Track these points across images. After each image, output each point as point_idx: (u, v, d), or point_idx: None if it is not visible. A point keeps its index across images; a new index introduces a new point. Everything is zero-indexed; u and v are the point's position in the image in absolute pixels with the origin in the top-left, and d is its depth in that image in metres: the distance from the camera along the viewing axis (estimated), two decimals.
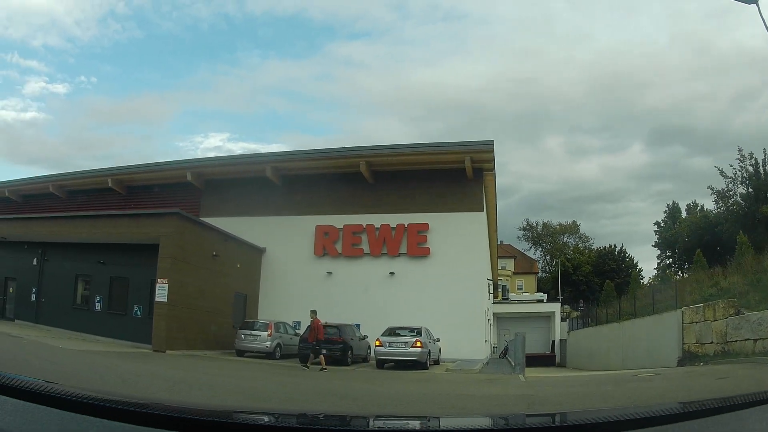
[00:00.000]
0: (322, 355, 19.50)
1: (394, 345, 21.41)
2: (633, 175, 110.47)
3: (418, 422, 2.67)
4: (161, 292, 22.46)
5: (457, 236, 27.79)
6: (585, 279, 70.64)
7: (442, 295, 26.74)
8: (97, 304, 25.82)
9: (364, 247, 28.90)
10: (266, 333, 23.24)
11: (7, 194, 39.61)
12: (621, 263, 72.26)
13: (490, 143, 27.78)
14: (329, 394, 13.09)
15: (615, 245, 75.50)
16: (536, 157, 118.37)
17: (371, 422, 2.31)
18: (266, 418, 2.20)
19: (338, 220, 29.09)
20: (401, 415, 5.31)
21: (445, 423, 2.46)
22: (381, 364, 21.61)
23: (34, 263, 28.34)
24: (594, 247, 79.65)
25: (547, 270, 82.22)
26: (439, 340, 23.43)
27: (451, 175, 28.41)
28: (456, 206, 28.22)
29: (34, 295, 28.14)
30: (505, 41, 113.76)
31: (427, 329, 22.50)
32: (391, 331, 22.13)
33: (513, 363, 23.41)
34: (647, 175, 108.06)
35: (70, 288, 27.02)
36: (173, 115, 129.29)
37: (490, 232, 34.58)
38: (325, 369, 18.88)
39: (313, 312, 20.57)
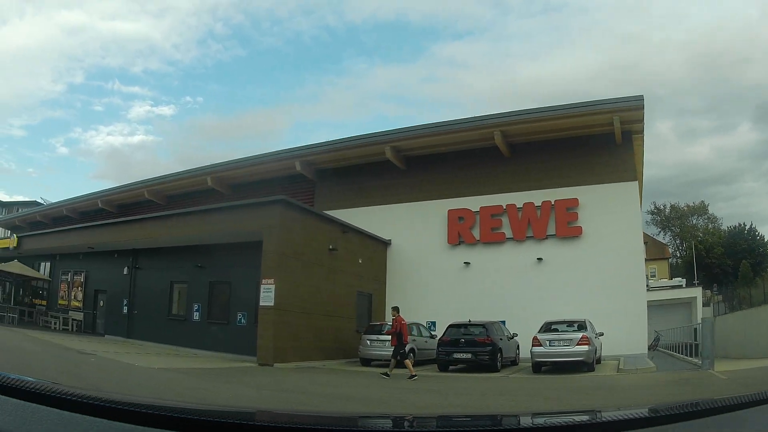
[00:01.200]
0: (408, 360, 17.26)
1: (556, 344, 18.50)
2: (744, 154, 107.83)
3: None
4: (267, 294, 19.92)
5: (609, 211, 24.45)
6: (717, 261, 65.98)
7: (597, 281, 23.66)
8: (195, 313, 24.11)
9: (506, 231, 25.88)
10: None
11: (100, 205, 39.24)
12: (752, 242, 64.92)
13: (640, 99, 24.15)
14: None
15: (744, 224, 68.25)
16: (649, 143, 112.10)
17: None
18: (266, 419, 2.18)
19: (473, 203, 26.30)
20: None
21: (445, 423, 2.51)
22: (538, 367, 18.71)
23: (125, 272, 27.14)
24: (723, 227, 72.51)
25: (678, 254, 77.90)
26: (602, 334, 20.50)
27: (597, 141, 25.31)
28: (605, 176, 24.98)
29: (125, 308, 26.83)
30: (604, 28, 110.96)
31: (590, 322, 19.70)
32: (549, 327, 19.50)
33: (701, 356, 19.61)
34: (759, 154, 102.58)
35: (164, 297, 25.38)
36: (284, 128, 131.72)
37: None
38: (415, 376, 16.22)
39: (396, 309, 18.28)
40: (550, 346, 18.32)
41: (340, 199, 28.16)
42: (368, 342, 20.94)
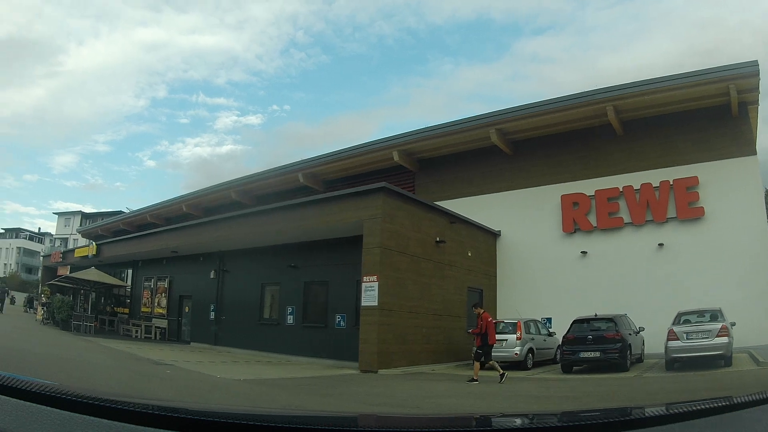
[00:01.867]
0: (494, 361, 15.73)
1: (693, 336, 16.71)
2: None
3: None
4: (370, 293, 18.61)
5: (731, 189, 22.59)
6: None
7: (723, 265, 21.62)
8: (288, 317, 23.17)
9: (624, 216, 24.16)
10: (515, 336, 19.01)
11: (185, 209, 39.16)
12: None
13: (755, 65, 22.07)
14: None
15: None
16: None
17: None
18: (268, 419, 2.10)
19: (587, 186, 24.69)
20: None
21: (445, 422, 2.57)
22: (672, 364, 16.88)
23: (212, 276, 26.49)
24: None
25: None
26: (734, 324, 18.15)
27: (711, 113, 23.41)
28: (724, 151, 23.09)
29: (212, 313, 26.20)
30: (681, 15, 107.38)
31: (722, 311, 17.89)
32: (682, 318, 17.86)
33: None
34: None
35: (255, 301, 24.60)
36: (371, 132, 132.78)
37: None
38: (504, 374, 15.08)
39: (478, 305, 17.18)
40: (687, 339, 16.60)
41: (442, 190, 27.11)
42: None
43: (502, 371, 15.16)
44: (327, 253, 21.89)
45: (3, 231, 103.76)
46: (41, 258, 65.05)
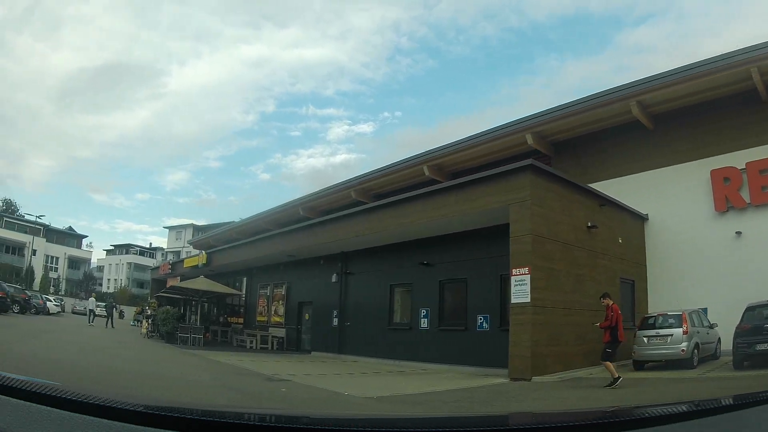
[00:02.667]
0: (609, 362, 13.96)
1: None
2: None
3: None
4: (520, 288, 16.25)
5: None
6: None
7: None
8: (422, 320, 21.58)
9: None
10: (680, 330, 16.76)
11: (301, 212, 37.42)
12: None
13: None
14: None
15: None
16: None
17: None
18: (267, 418, 2.10)
19: (737, 159, 21.95)
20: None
21: (446, 422, 2.53)
22: None
23: (334, 280, 25.27)
24: None
25: None
26: None
27: None
28: None
29: (335, 319, 24.91)
30: None
31: None
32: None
33: None
34: None
35: (383, 304, 23.22)
36: None
37: None
38: (619, 380, 13.48)
39: (606, 295, 15.11)
40: None
41: (582, 174, 24.44)
42: (645, 339, 17.31)
43: (617, 375, 13.67)
44: (465, 246, 20.38)
45: (113, 247, 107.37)
46: (150, 271, 65.60)
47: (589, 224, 19.32)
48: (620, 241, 21.47)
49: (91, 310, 43.36)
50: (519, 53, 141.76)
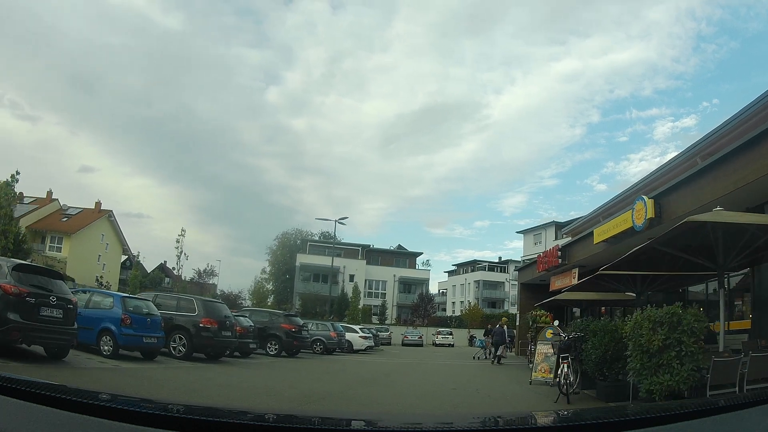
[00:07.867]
0: None
1: None
2: None
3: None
4: None
5: None
6: None
7: None
8: None
9: None
10: None
11: None
12: None
13: None
14: None
15: None
16: None
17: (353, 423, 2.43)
18: (267, 418, 2.14)
19: None
20: None
21: (448, 421, 2.67)
22: None
23: None
24: None
25: None
26: None
27: None
28: None
29: None
30: None
31: None
32: None
33: None
34: None
35: None
36: None
37: None
38: None
39: None
40: None
41: None
42: None
43: None
44: None
45: (455, 267, 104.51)
46: (517, 272, 48.63)
47: None
48: None
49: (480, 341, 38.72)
50: None
